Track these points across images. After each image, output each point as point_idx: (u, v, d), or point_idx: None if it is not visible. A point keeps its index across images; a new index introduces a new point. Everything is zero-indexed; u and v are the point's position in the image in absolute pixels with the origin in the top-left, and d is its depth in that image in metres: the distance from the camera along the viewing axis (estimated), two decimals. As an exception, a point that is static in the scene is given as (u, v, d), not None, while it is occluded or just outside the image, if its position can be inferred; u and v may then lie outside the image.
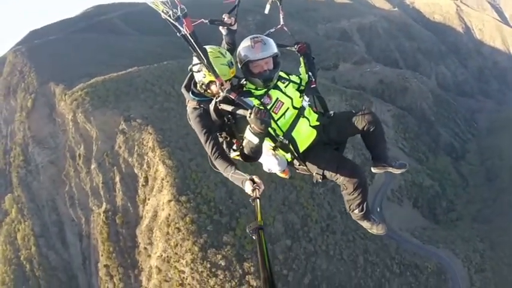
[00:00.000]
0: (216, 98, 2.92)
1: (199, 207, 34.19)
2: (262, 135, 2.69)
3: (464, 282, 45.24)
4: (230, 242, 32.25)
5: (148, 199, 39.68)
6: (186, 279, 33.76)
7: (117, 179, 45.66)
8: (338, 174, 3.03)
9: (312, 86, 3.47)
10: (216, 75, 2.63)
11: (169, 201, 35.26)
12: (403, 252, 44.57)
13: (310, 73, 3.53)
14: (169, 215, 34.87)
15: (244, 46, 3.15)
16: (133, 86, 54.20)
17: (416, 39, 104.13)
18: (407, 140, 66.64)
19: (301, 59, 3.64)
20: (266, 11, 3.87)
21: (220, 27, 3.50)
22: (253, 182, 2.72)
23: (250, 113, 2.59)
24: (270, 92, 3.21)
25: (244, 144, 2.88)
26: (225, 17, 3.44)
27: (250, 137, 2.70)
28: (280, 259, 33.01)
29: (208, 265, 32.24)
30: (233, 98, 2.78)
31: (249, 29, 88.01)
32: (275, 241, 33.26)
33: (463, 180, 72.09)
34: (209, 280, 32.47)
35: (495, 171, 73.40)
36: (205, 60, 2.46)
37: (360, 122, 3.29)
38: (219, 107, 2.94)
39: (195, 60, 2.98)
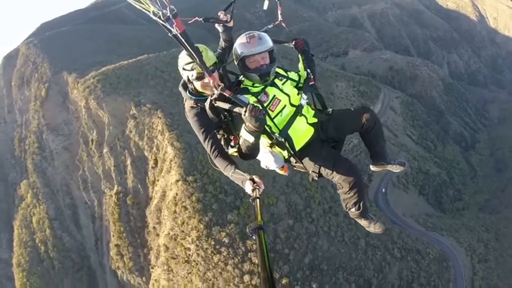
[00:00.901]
0: (211, 96, 2.90)
1: (205, 186, 35.49)
2: (258, 133, 2.68)
3: (467, 271, 45.07)
4: (234, 220, 33.50)
5: (158, 180, 41.23)
6: (192, 256, 35.29)
7: (128, 162, 47.41)
8: (334, 173, 3.02)
9: (311, 83, 3.40)
10: (210, 74, 2.57)
11: (177, 181, 36.68)
12: (406, 237, 44.85)
13: (308, 70, 3.46)
14: (176, 194, 36.33)
15: (239, 42, 3.12)
16: (143, 73, 55.61)
17: (428, 26, 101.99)
18: (416, 128, 66.30)
19: (299, 55, 3.58)
20: (265, 7, 3.79)
21: (216, 25, 3.44)
22: (253, 181, 2.72)
23: (245, 111, 2.56)
24: (267, 89, 3.18)
25: (240, 142, 2.85)
26: (221, 15, 3.38)
27: (245, 136, 2.67)
28: (282, 238, 34.10)
29: (213, 242, 33.63)
30: (228, 95, 2.70)
31: (258, 15, 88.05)
32: (277, 221, 34.34)
33: (472, 170, 71.43)
34: (213, 257, 33.88)
35: (505, 162, 72.41)
36: (197, 59, 2.40)
37: (358, 120, 3.26)
38: (215, 105, 2.93)
39: (186, 59, 2.99)
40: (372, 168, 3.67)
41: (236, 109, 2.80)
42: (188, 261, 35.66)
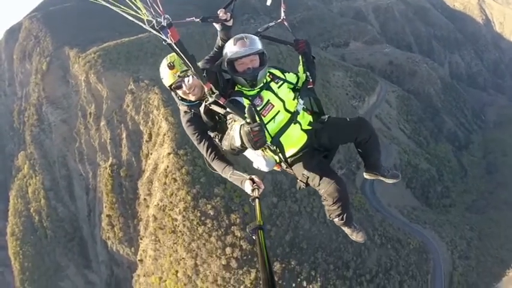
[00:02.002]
0: (206, 101, 2.80)
1: (195, 160, 36.71)
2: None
3: (446, 265, 45.69)
4: (220, 194, 34.81)
5: (151, 154, 42.44)
6: (178, 226, 36.72)
7: (124, 135, 48.62)
8: (320, 185, 2.99)
9: (309, 87, 3.32)
10: (205, 82, 2.44)
11: (169, 154, 37.92)
12: (388, 226, 45.87)
13: (308, 73, 3.36)
14: (167, 166, 37.59)
15: (227, 45, 3.04)
16: (143, 50, 56.35)
17: (433, 25, 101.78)
18: (409, 123, 67.12)
19: (300, 57, 3.45)
20: (268, 3, 3.69)
21: (214, 23, 3.34)
22: (253, 181, 2.71)
23: (243, 126, 2.28)
24: (262, 93, 3.08)
25: (225, 137, 2.68)
26: (220, 13, 3.28)
27: (235, 136, 2.41)
28: (265, 214, 35.38)
29: (199, 214, 34.99)
30: (222, 103, 2.56)
31: (263, 1, 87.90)
32: (262, 197, 35.38)
33: (462, 170, 72.34)
34: (198, 228, 35.27)
35: (496, 165, 73.09)
36: (192, 68, 2.32)
37: (353, 132, 3.20)
38: (210, 107, 2.82)
39: (164, 70, 2.95)
40: (365, 175, 3.64)
41: (230, 116, 2.65)
42: (174, 232, 37.11)
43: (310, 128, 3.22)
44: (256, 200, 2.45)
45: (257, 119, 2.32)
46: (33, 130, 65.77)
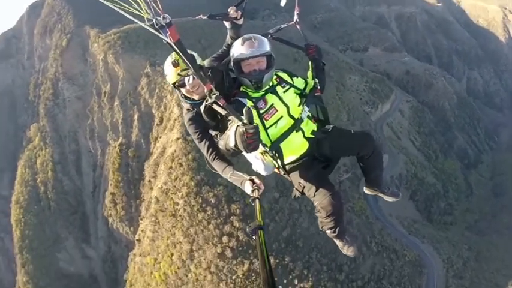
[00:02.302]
0: (206, 101, 2.70)
1: (202, 148, 37.16)
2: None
3: (440, 282, 45.06)
4: (223, 183, 35.23)
5: (160, 137, 43.16)
6: (179, 210, 37.39)
7: (136, 117, 49.51)
8: (315, 197, 2.95)
9: (316, 94, 3.23)
10: (205, 82, 2.35)
11: (178, 139, 38.56)
12: (386, 235, 45.67)
13: (316, 80, 3.28)
14: (175, 151, 38.24)
15: (235, 44, 2.98)
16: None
17: (454, 39, 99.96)
18: (421, 134, 66.35)
19: (309, 62, 3.39)
20: (282, 4, 3.56)
21: (224, 21, 3.28)
22: (253, 182, 2.71)
23: (239, 126, 2.24)
24: (266, 96, 3.00)
25: (222, 136, 2.62)
26: (231, 11, 3.21)
27: (231, 136, 2.37)
28: (265, 208, 35.76)
29: (200, 200, 35.56)
30: (222, 105, 2.45)
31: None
32: (264, 192, 35.79)
33: (468, 188, 71.32)
34: (198, 214, 35.86)
35: (503, 188, 71.56)
36: (192, 68, 2.26)
37: (356, 146, 3.10)
38: (212, 107, 2.67)
39: (168, 67, 2.91)
40: (364, 190, 3.59)
41: (231, 117, 2.55)
42: (175, 215, 37.79)
43: (312, 136, 3.14)
44: (256, 200, 2.45)
45: (254, 121, 2.25)
46: (47, 104, 67.27)
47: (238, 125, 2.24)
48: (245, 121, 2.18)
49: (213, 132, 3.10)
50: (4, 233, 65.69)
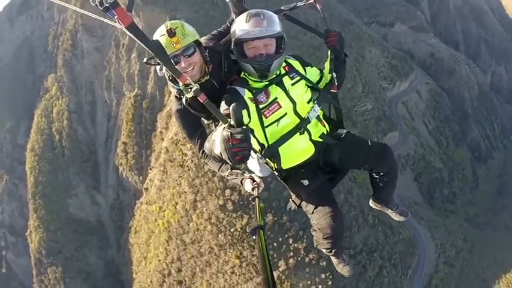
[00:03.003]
0: (184, 96, 2.35)
1: (215, 102, 37.84)
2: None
3: (429, 266, 45.75)
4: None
5: (174, 90, 43.79)
6: (187, 161, 38.74)
7: (152, 69, 50.03)
8: (313, 215, 2.60)
9: (332, 91, 2.72)
10: (178, 74, 1.82)
11: (191, 92, 39.06)
12: (384, 210, 46.23)
13: (334, 74, 2.72)
14: (187, 103, 38.94)
15: (238, 20, 2.40)
16: (184, -10, 56.32)
17: (486, 29, 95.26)
18: (435, 119, 65.23)
19: (329, 52, 2.79)
20: None
21: None
22: (253, 180, 2.50)
23: (224, 129, 1.69)
24: (270, 88, 2.47)
25: (208, 138, 2.07)
26: None
27: (216, 141, 1.82)
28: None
29: (208, 153, 36.59)
30: (202, 101, 1.81)
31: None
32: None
33: (475, 181, 70.74)
34: (204, 166, 37.05)
35: (509, 188, 70.91)
36: (156, 56, 1.75)
37: (372, 161, 2.59)
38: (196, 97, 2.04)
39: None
40: (371, 204, 3.20)
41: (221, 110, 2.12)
42: (182, 166, 39.21)
43: (321, 140, 2.63)
44: (256, 199, 2.27)
45: (244, 123, 1.72)
46: (65, 55, 68.34)
47: (224, 127, 1.70)
48: (232, 123, 1.67)
49: (205, 121, 2.68)
50: (19, 179, 68.67)
